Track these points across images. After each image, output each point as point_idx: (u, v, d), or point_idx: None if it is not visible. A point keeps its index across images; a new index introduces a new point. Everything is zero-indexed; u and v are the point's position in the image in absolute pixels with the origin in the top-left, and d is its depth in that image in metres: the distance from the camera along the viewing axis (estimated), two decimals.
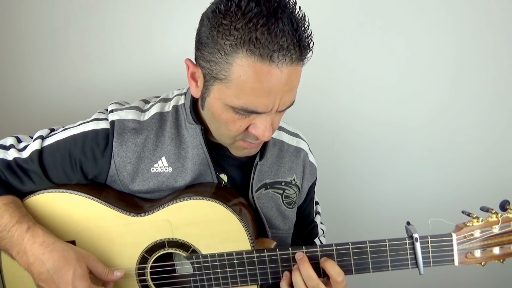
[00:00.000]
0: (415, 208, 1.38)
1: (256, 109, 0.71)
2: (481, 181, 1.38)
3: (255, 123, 0.75)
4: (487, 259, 0.79)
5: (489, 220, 0.77)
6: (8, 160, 0.82)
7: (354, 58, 1.29)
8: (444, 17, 1.26)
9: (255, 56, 0.66)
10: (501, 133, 1.36)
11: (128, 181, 0.84)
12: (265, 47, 0.65)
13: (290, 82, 0.71)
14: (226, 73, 0.69)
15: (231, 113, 0.74)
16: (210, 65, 0.71)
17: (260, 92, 0.69)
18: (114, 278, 0.80)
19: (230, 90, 0.70)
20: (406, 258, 0.79)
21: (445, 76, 1.31)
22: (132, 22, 1.20)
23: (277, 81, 0.68)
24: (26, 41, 1.19)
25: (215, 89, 0.73)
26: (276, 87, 0.69)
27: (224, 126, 0.76)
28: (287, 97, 0.72)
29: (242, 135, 0.78)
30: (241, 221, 0.81)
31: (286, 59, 0.67)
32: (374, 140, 1.36)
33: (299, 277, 0.78)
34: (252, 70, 0.67)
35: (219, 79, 0.71)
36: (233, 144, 0.81)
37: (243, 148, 0.81)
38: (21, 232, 0.76)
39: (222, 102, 0.73)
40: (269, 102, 0.71)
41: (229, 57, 0.68)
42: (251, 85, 0.68)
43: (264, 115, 0.74)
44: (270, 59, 0.66)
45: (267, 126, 0.74)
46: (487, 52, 1.28)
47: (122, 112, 0.85)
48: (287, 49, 0.66)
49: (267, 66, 0.67)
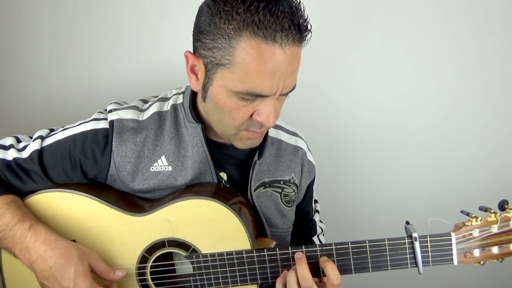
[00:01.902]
0: (414, 207, 1.39)
1: (261, 92, 0.71)
2: (480, 181, 1.38)
3: (259, 110, 0.75)
4: (486, 259, 0.79)
5: (488, 219, 0.77)
6: (8, 160, 0.82)
7: (355, 58, 1.29)
8: (445, 19, 1.26)
9: (259, 37, 0.67)
10: (500, 134, 1.36)
11: (128, 181, 0.84)
12: (268, 28, 0.67)
13: (292, 64, 0.72)
14: (230, 58, 0.69)
15: (235, 100, 0.74)
16: (213, 52, 0.71)
17: (265, 73, 0.69)
18: (116, 277, 0.81)
19: (235, 74, 0.70)
20: (406, 258, 0.79)
21: (445, 77, 1.31)
22: (132, 22, 1.20)
23: (281, 61, 0.69)
24: (26, 41, 1.19)
25: (218, 76, 0.73)
26: (280, 68, 0.70)
27: (228, 115, 0.76)
28: (290, 80, 0.73)
29: (246, 123, 0.77)
30: (241, 221, 0.81)
31: (289, 39, 0.68)
32: (374, 140, 1.36)
33: (293, 277, 0.78)
34: (256, 51, 0.68)
35: (222, 65, 0.71)
36: (236, 135, 0.80)
37: (247, 139, 0.81)
38: (24, 230, 0.76)
39: (226, 89, 0.73)
40: (274, 84, 0.71)
41: (232, 41, 0.68)
42: (256, 66, 0.69)
43: (268, 100, 0.74)
44: (274, 39, 0.67)
45: (271, 111, 0.74)
46: (487, 53, 1.28)
47: (121, 112, 0.86)
48: (288, 29, 0.68)
49: (271, 46, 0.68)
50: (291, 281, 0.78)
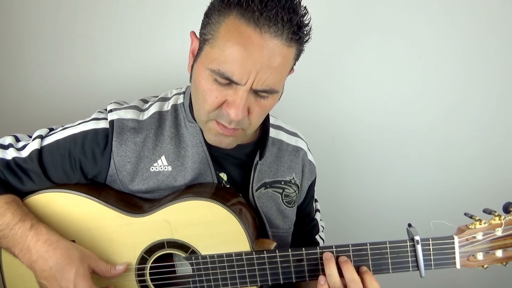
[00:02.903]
0: (417, 209, 1.38)
1: (231, 75, 0.70)
2: (483, 182, 1.37)
3: (229, 99, 0.74)
4: (490, 262, 0.78)
5: (492, 222, 0.76)
6: (7, 159, 0.82)
7: (355, 58, 1.28)
8: (446, 19, 1.25)
9: (243, 18, 0.68)
10: (502, 133, 1.35)
11: (128, 181, 0.84)
12: (254, 11, 0.67)
13: (271, 58, 0.70)
14: (214, 32, 0.72)
15: (210, 81, 0.73)
16: (205, 28, 0.74)
17: (238, 56, 0.69)
18: (117, 272, 0.81)
19: (213, 51, 0.71)
20: (407, 261, 0.78)
21: (445, 78, 1.30)
22: (132, 22, 1.20)
23: (257, 49, 0.68)
24: (26, 40, 1.19)
25: (202, 53, 0.75)
26: (254, 56, 0.69)
27: (202, 97, 0.76)
28: (264, 74, 0.71)
29: (216, 112, 0.76)
30: (241, 222, 0.80)
31: (271, 29, 0.68)
32: (374, 140, 1.35)
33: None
34: (236, 31, 0.69)
35: (207, 41, 0.73)
36: (207, 123, 0.79)
37: (216, 133, 0.79)
38: (25, 230, 0.76)
39: (204, 67, 0.73)
40: (245, 70, 0.70)
41: (221, 17, 0.71)
42: (231, 45, 0.69)
43: (240, 92, 0.72)
44: (255, 24, 0.68)
45: (240, 104, 0.72)
46: (488, 53, 1.27)
47: (121, 112, 0.85)
48: (274, 20, 0.67)
49: (251, 30, 0.68)
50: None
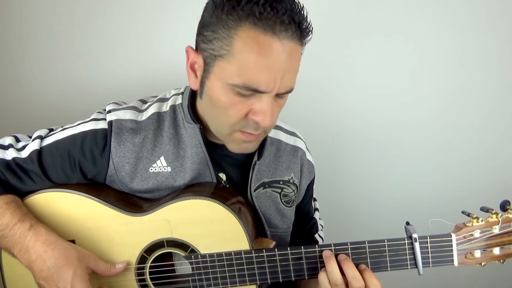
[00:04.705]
0: (415, 208, 1.38)
1: (258, 86, 0.71)
2: (481, 181, 1.38)
3: (255, 108, 0.74)
4: (487, 260, 0.78)
5: (489, 220, 0.77)
6: (7, 160, 0.82)
7: (355, 58, 1.28)
8: (445, 18, 1.25)
9: (258, 28, 0.68)
10: (501, 133, 1.35)
11: (127, 181, 0.84)
12: (268, 19, 0.67)
13: (290, 60, 0.71)
14: (228, 47, 0.70)
15: (231, 95, 0.73)
16: (212, 43, 0.71)
17: (263, 66, 0.69)
18: (117, 271, 0.81)
19: (232, 66, 0.70)
20: (405, 259, 0.78)
21: (445, 77, 1.30)
22: (131, 22, 1.20)
23: (279, 55, 0.69)
24: (26, 41, 1.19)
25: (215, 69, 0.73)
26: (277, 62, 0.70)
27: (223, 112, 0.75)
28: (287, 77, 0.72)
29: (241, 123, 0.76)
30: (240, 221, 0.81)
31: (288, 33, 0.69)
32: (374, 140, 1.35)
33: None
34: (255, 42, 0.68)
35: (220, 56, 0.71)
36: (230, 136, 0.79)
37: (241, 142, 0.79)
38: (24, 230, 0.76)
39: (223, 82, 0.72)
40: (271, 79, 0.70)
41: (232, 30, 0.69)
42: (254, 57, 0.68)
43: (265, 98, 0.73)
44: (273, 31, 0.68)
45: (268, 110, 0.73)
46: (487, 52, 1.28)
47: (120, 112, 0.85)
48: (288, 24, 0.68)
49: (269, 38, 0.68)
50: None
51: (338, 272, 0.76)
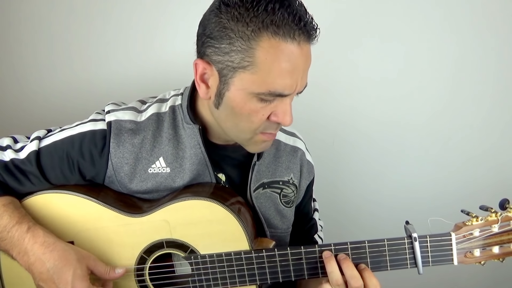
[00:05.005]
0: (414, 207, 1.38)
1: (283, 91, 0.72)
2: (481, 180, 1.38)
3: (276, 110, 0.75)
4: (487, 258, 0.78)
5: (489, 219, 0.77)
6: (5, 161, 0.82)
7: (355, 57, 1.28)
8: (444, 17, 1.25)
9: (279, 36, 0.69)
10: (500, 132, 1.35)
11: (126, 182, 0.84)
12: (287, 26, 0.68)
13: (308, 61, 0.74)
14: (250, 59, 0.70)
15: (255, 102, 0.74)
16: (230, 56, 0.71)
17: (287, 72, 0.71)
18: (116, 275, 0.81)
19: (256, 76, 0.71)
20: (405, 258, 0.78)
21: (444, 76, 1.30)
22: (131, 23, 1.20)
23: (299, 58, 0.71)
24: (25, 41, 1.19)
25: (236, 80, 0.73)
26: (299, 66, 0.72)
27: (246, 119, 0.76)
28: (305, 77, 0.75)
29: (263, 126, 0.77)
30: (240, 221, 0.80)
31: (304, 36, 0.71)
32: (374, 140, 1.35)
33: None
34: (277, 50, 0.69)
35: (242, 68, 0.71)
36: (252, 139, 0.80)
37: (261, 142, 0.81)
38: (22, 233, 0.76)
39: (246, 92, 0.73)
40: (293, 82, 0.72)
41: (252, 42, 0.69)
42: (278, 65, 0.70)
43: (286, 99, 0.75)
44: (293, 37, 0.69)
45: (288, 110, 0.75)
46: (487, 52, 1.28)
47: (119, 113, 0.85)
48: (304, 27, 0.70)
49: (290, 44, 0.69)
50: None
51: (339, 272, 0.76)
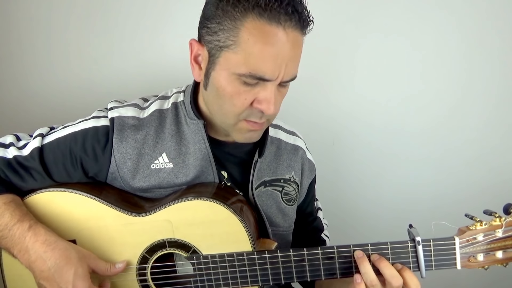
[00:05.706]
0: (417, 210, 1.38)
1: (264, 75, 0.72)
2: (484, 183, 1.37)
3: (259, 97, 0.75)
4: (490, 263, 0.78)
5: (493, 223, 0.76)
6: (8, 158, 0.82)
7: (355, 58, 1.28)
8: (446, 20, 1.24)
9: (264, 18, 0.70)
10: (503, 134, 1.35)
11: (129, 178, 0.84)
12: (273, 10, 0.69)
13: (294, 49, 0.73)
14: (234, 38, 0.71)
15: (237, 85, 0.74)
16: (218, 35, 0.73)
17: (269, 55, 0.71)
18: (117, 270, 0.81)
19: (238, 55, 0.72)
20: (408, 261, 0.78)
21: (446, 79, 1.30)
22: (132, 22, 1.19)
23: (284, 44, 0.71)
24: (26, 40, 1.18)
25: (221, 60, 0.74)
26: (282, 51, 0.71)
27: (229, 101, 0.76)
28: (291, 66, 0.74)
29: (246, 112, 0.77)
30: (242, 222, 0.80)
31: (292, 23, 0.71)
32: (374, 141, 1.35)
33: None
34: (261, 32, 0.70)
35: (226, 47, 0.72)
36: (236, 125, 0.80)
37: (246, 131, 0.81)
38: (23, 231, 0.76)
39: (229, 72, 0.73)
40: (276, 67, 0.72)
41: (238, 21, 0.70)
42: (260, 47, 0.70)
43: (269, 87, 0.74)
44: (278, 21, 0.70)
45: (272, 98, 0.75)
46: (488, 54, 1.27)
47: (122, 109, 0.85)
48: (292, 14, 0.70)
49: (275, 28, 0.70)
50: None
51: (373, 272, 0.76)
